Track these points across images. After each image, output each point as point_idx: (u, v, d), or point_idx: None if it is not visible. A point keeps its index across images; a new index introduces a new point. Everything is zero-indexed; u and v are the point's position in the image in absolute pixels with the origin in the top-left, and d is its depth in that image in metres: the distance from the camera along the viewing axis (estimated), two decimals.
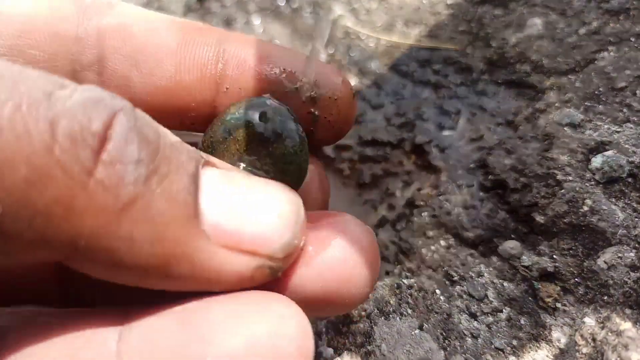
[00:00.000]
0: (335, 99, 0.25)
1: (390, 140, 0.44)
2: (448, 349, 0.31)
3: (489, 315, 0.32)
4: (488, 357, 0.30)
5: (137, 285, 0.17)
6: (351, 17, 0.54)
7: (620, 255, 0.31)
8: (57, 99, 0.14)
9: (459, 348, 0.31)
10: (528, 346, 0.31)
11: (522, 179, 0.37)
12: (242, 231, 0.17)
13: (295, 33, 0.54)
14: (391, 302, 0.33)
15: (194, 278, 0.17)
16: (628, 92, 0.38)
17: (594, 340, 0.29)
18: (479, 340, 0.31)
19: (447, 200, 0.39)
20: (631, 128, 0.36)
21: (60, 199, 0.14)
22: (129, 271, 0.16)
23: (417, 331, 0.31)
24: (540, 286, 0.33)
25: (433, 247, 0.37)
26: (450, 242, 0.37)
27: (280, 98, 0.24)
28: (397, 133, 0.45)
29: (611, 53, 0.41)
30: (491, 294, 0.33)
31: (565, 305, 0.32)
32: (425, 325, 0.32)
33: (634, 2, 0.42)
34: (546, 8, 0.46)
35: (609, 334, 0.29)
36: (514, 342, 0.31)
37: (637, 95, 0.37)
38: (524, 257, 0.34)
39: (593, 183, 0.34)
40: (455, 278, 0.34)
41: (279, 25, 0.55)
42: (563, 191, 0.34)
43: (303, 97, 0.24)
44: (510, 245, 0.35)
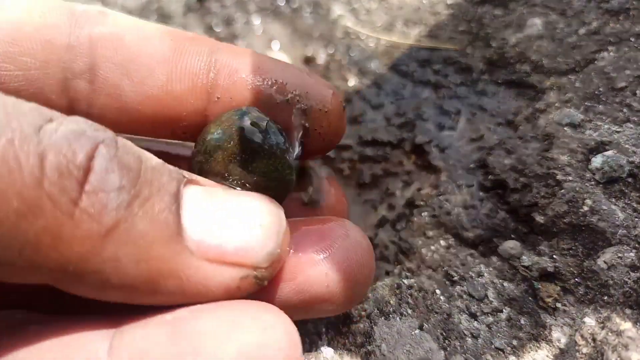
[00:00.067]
0: (325, 112, 0.25)
1: (390, 140, 0.44)
2: (448, 349, 0.31)
3: (489, 315, 0.32)
4: (488, 357, 0.30)
5: (128, 302, 0.17)
6: (351, 17, 0.54)
7: (620, 255, 0.31)
8: (45, 133, 0.15)
9: (459, 348, 0.31)
10: (528, 346, 0.31)
11: (522, 179, 0.37)
12: (226, 244, 0.18)
13: (295, 33, 0.54)
14: (391, 302, 0.33)
15: (182, 292, 0.18)
16: (628, 92, 0.38)
17: (594, 340, 0.29)
18: (479, 340, 0.31)
19: (447, 200, 0.39)
20: (631, 128, 0.36)
21: (49, 229, 0.15)
22: (118, 290, 0.17)
23: (417, 331, 0.31)
24: (540, 286, 0.33)
25: (433, 247, 0.37)
26: (450, 242, 0.37)
27: (270, 109, 0.24)
28: (397, 133, 0.45)
29: (611, 53, 0.41)
30: (491, 294, 0.33)
31: (565, 305, 0.32)
32: (425, 325, 0.32)
33: (634, 2, 0.42)
34: (546, 8, 0.46)
35: (609, 334, 0.29)
36: (514, 342, 0.31)
37: (637, 95, 0.37)
38: (524, 257, 0.34)
39: (593, 183, 0.34)
40: (455, 278, 0.34)
41: (279, 25, 0.55)
42: (563, 191, 0.34)
43: (293, 109, 0.25)
44: (510, 245, 0.35)
